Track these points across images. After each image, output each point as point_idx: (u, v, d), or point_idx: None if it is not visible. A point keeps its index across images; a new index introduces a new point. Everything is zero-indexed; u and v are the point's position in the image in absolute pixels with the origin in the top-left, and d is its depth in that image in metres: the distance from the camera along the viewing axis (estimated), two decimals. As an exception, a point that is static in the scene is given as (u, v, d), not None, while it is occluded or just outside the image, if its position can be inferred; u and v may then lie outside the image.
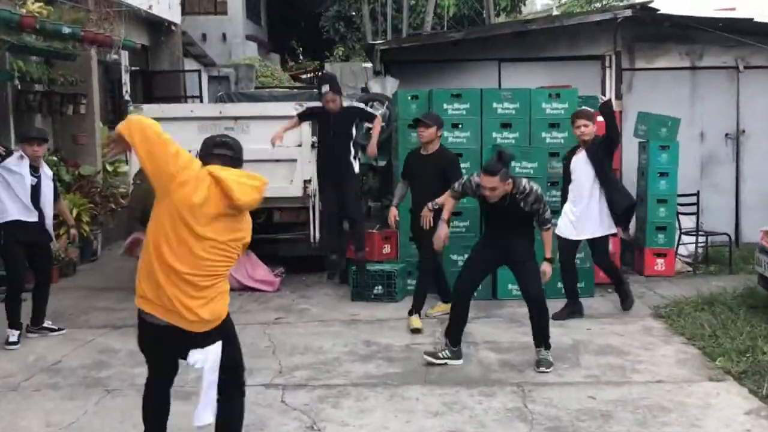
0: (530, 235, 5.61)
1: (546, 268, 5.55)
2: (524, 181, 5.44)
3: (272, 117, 8.11)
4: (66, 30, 8.70)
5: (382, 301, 7.55)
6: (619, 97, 9.89)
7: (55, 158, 9.93)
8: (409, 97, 8.24)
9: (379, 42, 11.05)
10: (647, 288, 7.96)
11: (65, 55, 9.78)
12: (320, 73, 9.59)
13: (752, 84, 10.07)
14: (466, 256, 6.20)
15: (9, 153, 6.40)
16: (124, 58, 13.47)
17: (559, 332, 6.23)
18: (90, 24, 9.80)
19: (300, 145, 8.22)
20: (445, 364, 5.55)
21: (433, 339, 6.30)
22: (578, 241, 6.93)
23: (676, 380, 5.27)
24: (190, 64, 16.73)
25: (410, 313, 6.69)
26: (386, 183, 9.95)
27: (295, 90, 13.29)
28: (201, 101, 15.87)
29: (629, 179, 9.01)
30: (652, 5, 9.48)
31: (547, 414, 4.67)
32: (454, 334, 5.65)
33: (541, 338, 5.55)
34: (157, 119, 8.05)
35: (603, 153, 6.81)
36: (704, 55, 10.08)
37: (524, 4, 26.04)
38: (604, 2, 28.83)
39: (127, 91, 13.80)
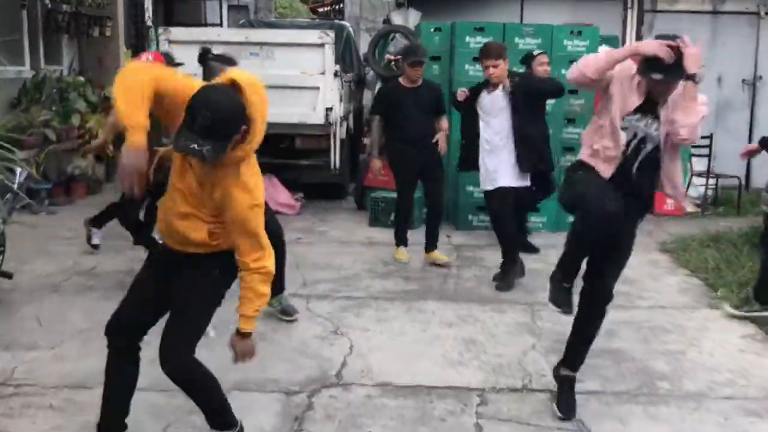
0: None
1: None
2: None
3: (297, 44, 8.28)
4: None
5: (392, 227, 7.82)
6: (639, 38, 9.96)
7: (81, 79, 10.13)
8: (432, 29, 8.37)
9: (403, -27, 11.07)
10: (656, 225, 8.20)
11: (93, -24, 9.91)
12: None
13: (773, 31, 10.14)
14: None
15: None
16: (147, -17, 13.54)
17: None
18: (117, -54, 9.91)
19: (323, 73, 8.38)
20: None
21: (451, 260, 6.60)
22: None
23: (677, 306, 5.57)
24: (210, -8, 16.72)
25: (428, 250, 6.59)
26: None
27: (316, 21, 13.32)
28: (221, 29, 15.92)
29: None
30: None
31: (554, 330, 4.97)
32: None
33: None
34: (183, 42, 8.31)
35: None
36: (727, -1, 10.12)
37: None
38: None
39: (149, 17, 13.88)
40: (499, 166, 5.84)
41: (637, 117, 3.56)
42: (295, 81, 8.18)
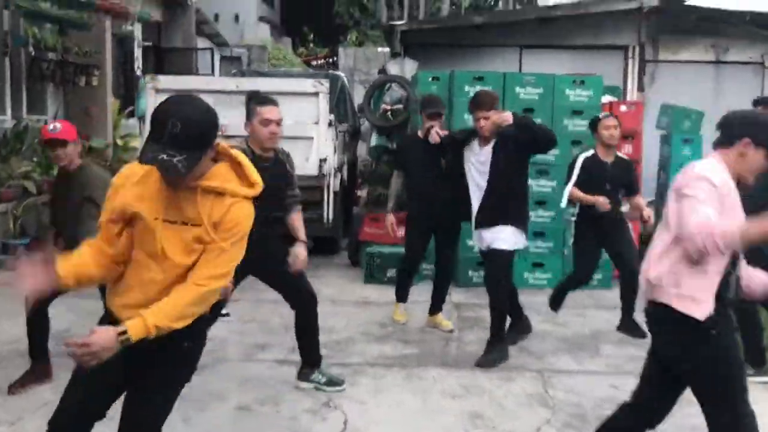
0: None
1: None
2: None
3: (290, 93, 7.95)
4: (83, -1, 8.57)
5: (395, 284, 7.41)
6: (641, 88, 9.76)
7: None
8: (430, 79, 8.09)
9: (399, 23, 10.87)
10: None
11: (80, 24, 9.67)
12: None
13: (778, 81, 9.94)
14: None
15: None
16: (138, 31, 13.33)
17: (578, 322, 6.10)
18: (106, -6, 9.70)
19: (317, 123, 8.05)
20: None
21: (450, 319, 6.17)
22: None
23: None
24: (202, 43, 16.58)
25: (432, 312, 6.12)
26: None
27: (310, 71, 13.11)
28: (213, 81, 15.74)
29: (650, 172, 8.86)
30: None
31: (569, 400, 4.54)
32: None
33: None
34: (171, 91, 8.00)
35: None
36: (730, 49, 9.93)
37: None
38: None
39: (138, 66, 13.66)
40: None
41: None
42: (288, 131, 7.76)
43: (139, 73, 13.38)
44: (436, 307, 6.12)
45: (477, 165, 5.34)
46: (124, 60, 13.24)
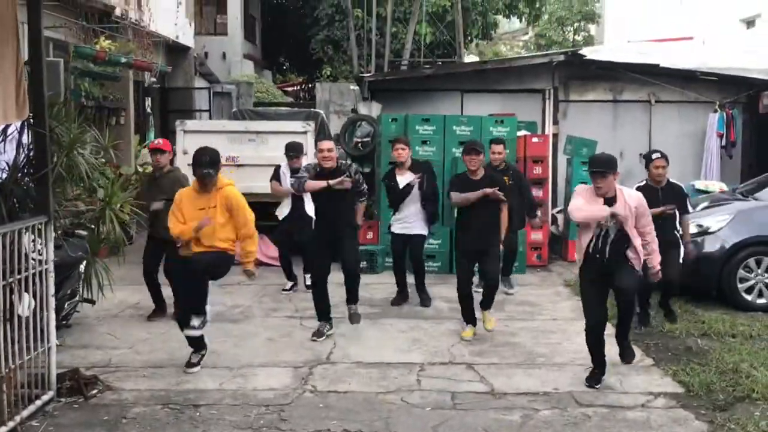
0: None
1: None
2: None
3: (286, 132, 10.57)
4: (123, 59, 11.15)
5: (366, 273, 9.99)
6: (555, 122, 12.49)
7: (103, 160, 12.31)
8: (390, 120, 10.79)
9: (367, 75, 13.56)
10: (567, 269, 10.48)
11: (114, 77, 12.22)
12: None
13: (661, 115, 12.74)
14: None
15: None
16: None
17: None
18: (134, 52, 12.29)
19: (306, 154, 10.63)
20: None
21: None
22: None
23: (565, 318, 7.81)
24: (198, 82, 19.13)
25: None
26: (370, 188, 12.44)
27: (295, 108, 15.76)
28: (209, 114, 18.33)
29: (560, 186, 11.62)
30: (580, 52, 12.11)
31: (476, 332, 7.20)
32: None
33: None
34: (196, 132, 10.54)
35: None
36: (624, 91, 12.72)
37: (494, 31, 28.80)
38: (567, 31, 31.71)
39: (149, 105, 16.20)
40: None
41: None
42: (284, 160, 10.45)
43: (149, 110, 15.93)
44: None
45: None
46: (137, 102, 15.77)
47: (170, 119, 15.18)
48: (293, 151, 8.93)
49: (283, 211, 8.99)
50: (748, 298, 8.20)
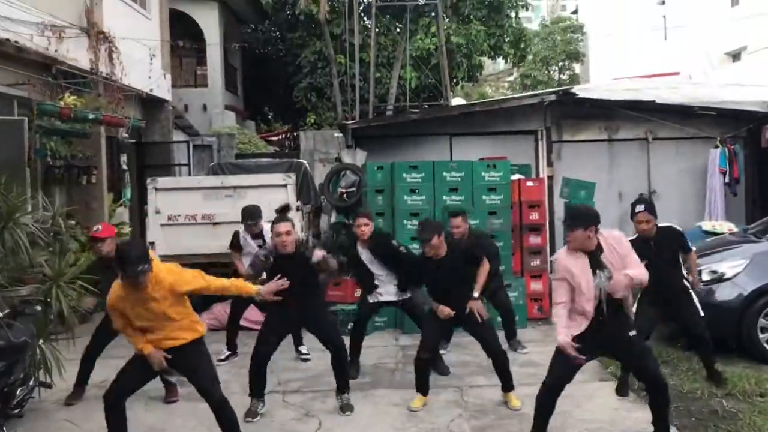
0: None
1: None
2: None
3: (264, 185, 9.93)
4: (91, 116, 10.52)
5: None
6: (550, 164, 11.90)
7: (72, 222, 11.62)
8: (376, 168, 10.17)
9: (350, 122, 12.98)
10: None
11: (83, 134, 11.57)
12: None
13: (659, 152, 12.19)
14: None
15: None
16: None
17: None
18: (104, 107, 11.66)
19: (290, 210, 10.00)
20: None
21: (395, 360, 8.05)
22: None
23: (574, 381, 7.07)
24: (177, 135, 18.51)
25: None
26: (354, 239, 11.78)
27: (276, 159, 15.14)
28: (189, 168, 17.67)
29: (559, 230, 10.98)
30: (573, 90, 11.58)
31: (477, 403, 6.46)
32: None
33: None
34: (169, 189, 9.85)
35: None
36: (619, 129, 12.18)
37: (480, 73, 28.48)
38: (552, 70, 31.52)
39: (124, 161, 15.54)
40: None
41: None
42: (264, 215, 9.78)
43: (125, 167, 15.26)
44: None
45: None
46: (110, 157, 15.11)
47: (147, 175, 14.51)
48: (251, 218, 8.16)
49: None
50: (772, 349, 7.53)
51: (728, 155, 11.58)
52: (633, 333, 5.31)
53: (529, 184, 10.37)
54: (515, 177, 10.40)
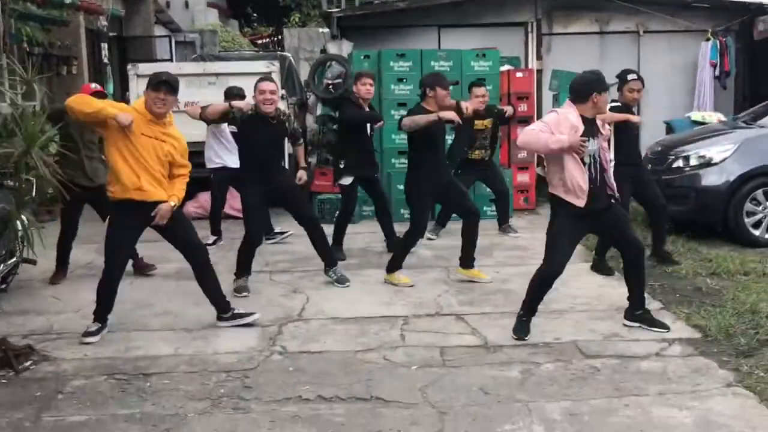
0: None
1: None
2: None
3: (247, 73, 9.68)
4: (68, 1, 10.15)
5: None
6: (539, 57, 11.70)
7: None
8: (362, 57, 9.95)
9: (335, 10, 12.63)
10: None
11: (60, 21, 11.21)
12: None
13: (650, 46, 11.99)
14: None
15: None
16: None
17: (480, 237, 8.09)
18: (82, -6, 11.27)
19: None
20: None
21: (382, 244, 8.06)
22: None
23: (560, 262, 7.13)
24: (159, 30, 18.03)
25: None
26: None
27: (261, 52, 14.80)
28: (172, 64, 17.28)
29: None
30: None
31: (463, 280, 6.51)
32: None
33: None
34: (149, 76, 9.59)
35: None
36: (611, 21, 11.94)
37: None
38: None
39: (105, 55, 15.15)
40: None
41: None
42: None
43: (106, 60, 14.90)
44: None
45: None
46: (92, 50, 14.72)
47: (130, 69, 14.18)
48: (234, 97, 7.84)
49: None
50: (756, 233, 7.60)
51: (719, 48, 11.40)
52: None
53: (519, 75, 10.20)
54: (505, 68, 10.22)
